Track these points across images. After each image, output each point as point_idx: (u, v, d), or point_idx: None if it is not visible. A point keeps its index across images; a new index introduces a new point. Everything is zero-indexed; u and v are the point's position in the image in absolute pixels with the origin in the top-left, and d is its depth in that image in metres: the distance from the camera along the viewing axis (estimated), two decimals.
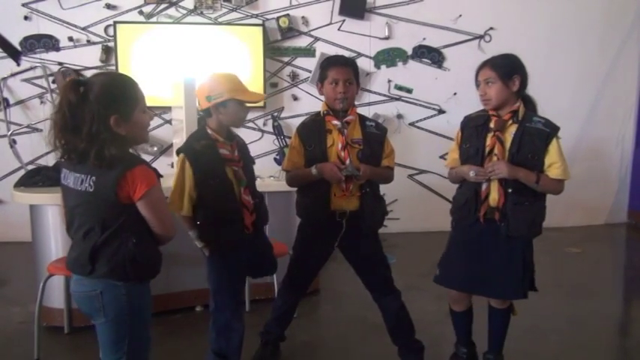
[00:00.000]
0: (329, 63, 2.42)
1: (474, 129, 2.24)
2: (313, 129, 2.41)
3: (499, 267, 2.20)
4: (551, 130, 2.16)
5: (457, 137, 2.34)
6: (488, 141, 2.18)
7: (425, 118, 5.21)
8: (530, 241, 2.26)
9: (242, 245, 2.17)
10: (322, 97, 2.45)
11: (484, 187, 2.17)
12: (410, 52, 5.14)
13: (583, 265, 4.38)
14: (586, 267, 4.33)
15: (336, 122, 2.35)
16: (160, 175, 1.67)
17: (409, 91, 5.19)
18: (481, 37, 5.14)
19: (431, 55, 5.15)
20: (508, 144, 2.16)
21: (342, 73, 2.35)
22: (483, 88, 2.20)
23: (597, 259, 4.63)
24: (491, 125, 2.19)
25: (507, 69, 2.18)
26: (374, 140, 2.40)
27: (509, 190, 2.14)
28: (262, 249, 2.34)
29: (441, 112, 5.20)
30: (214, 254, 2.19)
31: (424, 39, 5.12)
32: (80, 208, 1.62)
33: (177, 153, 2.16)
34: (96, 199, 1.58)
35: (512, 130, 2.17)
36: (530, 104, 2.24)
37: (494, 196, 2.16)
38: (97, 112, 1.53)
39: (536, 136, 2.14)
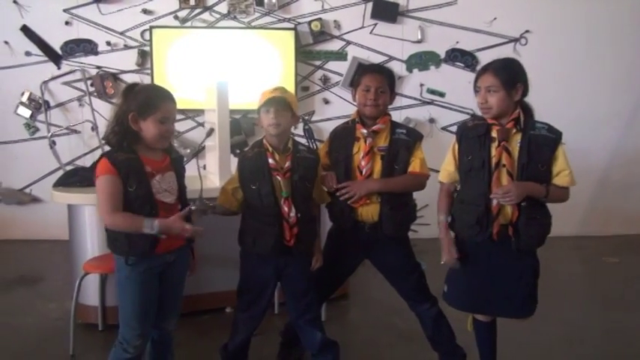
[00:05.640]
0: (364, 70, 2.44)
1: (475, 139, 2.07)
2: (342, 135, 2.41)
3: (510, 285, 2.10)
4: (556, 136, 2.03)
5: (454, 149, 2.16)
6: (494, 152, 2.03)
7: (458, 123, 5.12)
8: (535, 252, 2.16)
9: (272, 253, 2.20)
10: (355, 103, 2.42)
11: (495, 202, 2.01)
12: (443, 56, 5.09)
13: (621, 275, 4.24)
14: (624, 277, 4.19)
15: (363, 130, 2.33)
16: (122, 172, 1.87)
17: (442, 95, 5.14)
18: (517, 40, 5.05)
19: (464, 59, 5.08)
20: (515, 154, 2.01)
21: (374, 80, 2.32)
22: (484, 95, 2.03)
23: (636, 269, 4.47)
24: (494, 134, 2.04)
25: (511, 77, 2.02)
26: (401, 145, 2.33)
27: (523, 204, 2.00)
28: (296, 270, 2.28)
29: (474, 116, 5.12)
30: (244, 254, 2.30)
31: (457, 42, 5.05)
32: None
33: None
34: None
35: (517, 138, 2.03)
36: (527, 111, 2.09)
37: (507, 211, 2.02)
38: (126, 108, 1.92)
39: (543, 144, 2.01)
